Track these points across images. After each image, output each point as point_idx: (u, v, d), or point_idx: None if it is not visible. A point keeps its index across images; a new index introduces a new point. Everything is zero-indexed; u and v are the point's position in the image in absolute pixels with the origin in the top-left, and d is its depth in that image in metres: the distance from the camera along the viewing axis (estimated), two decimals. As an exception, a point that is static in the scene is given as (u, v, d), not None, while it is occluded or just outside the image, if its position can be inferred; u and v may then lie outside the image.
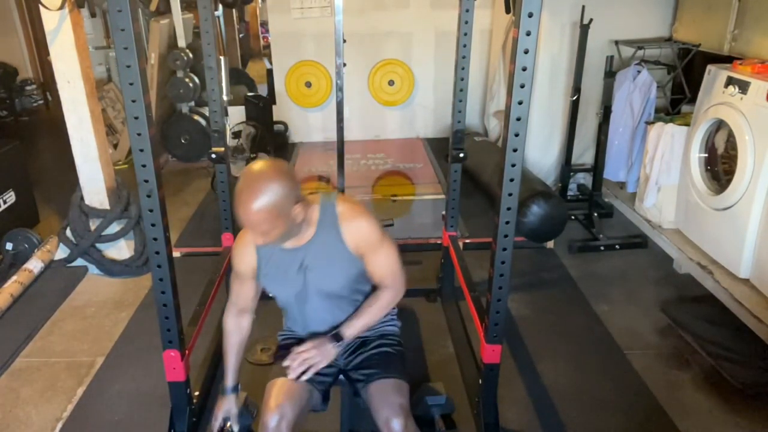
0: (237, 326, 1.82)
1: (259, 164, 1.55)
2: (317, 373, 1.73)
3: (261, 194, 1.48)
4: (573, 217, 3.78)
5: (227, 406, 1.80)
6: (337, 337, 1.71)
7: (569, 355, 2.64)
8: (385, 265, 1.72)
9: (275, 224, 1.53)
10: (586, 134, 4.21)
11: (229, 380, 1.81)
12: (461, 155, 2.69)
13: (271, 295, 1.82)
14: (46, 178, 4.91)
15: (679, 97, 3.75)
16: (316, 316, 1.77)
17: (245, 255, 1.73)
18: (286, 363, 1.68)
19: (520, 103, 1.60)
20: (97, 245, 3.38)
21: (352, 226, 1.67)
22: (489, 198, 3.95)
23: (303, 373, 1.67)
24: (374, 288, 1.79)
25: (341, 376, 1.88)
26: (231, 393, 1.80)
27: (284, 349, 1.80)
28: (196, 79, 5.12)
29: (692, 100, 3.45)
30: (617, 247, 3.57)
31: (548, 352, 2.66)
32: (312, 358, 1.67)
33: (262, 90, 6.63)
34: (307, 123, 5.81)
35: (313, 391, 1.73)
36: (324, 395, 1.82)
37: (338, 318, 1.76)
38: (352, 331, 1.72)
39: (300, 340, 1.79)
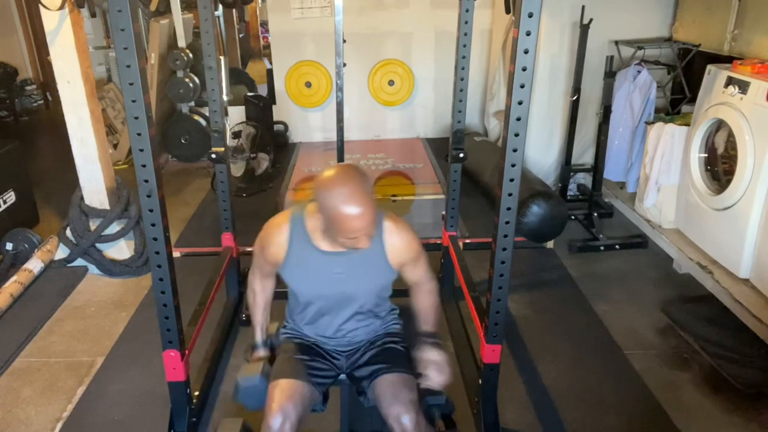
0: (262, 287, 1.86)
1: (344, 171, 1.52)
2: (319, 374, 1.74)
3: (369, 198, 1.49)
4: (573, 217, 3.78)
5: (260, 355, 1.86)
6: (436, 339, 1.78)
7: (569, 355, 2.64)
8: (423, 271, 1.81)
9: (375, 221, 1.55)
10: (586, 134, 4.21)
11: (258, 336, 1.87)
12: (461, 155, 2.69)
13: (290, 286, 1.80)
14: (46, 178, 4.90)
15: (679, 97, 3.75)
16: (334, 323, 1.78)
17: (277, 244, 1.69)
18: (434, 376, 1.70)
19: (520, 103, 1.60)
20: (97, 245, 3.38)
21: (398, 242, 1.69)
22: (489, 198, 3.95)
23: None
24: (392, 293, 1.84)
25: (342, 376, 1.88)
26: (261, 347, 1.87)
27: (285, 350, 1.80)
28: (196, 79, 5.11)
29: (692, 100, 3.46)
30: (617, 247, 3.57)
31: (548, 352, 2.66)
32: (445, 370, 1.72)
33: (262, 90, 6.63)
34: (307, 123, 5.81)
35: (314, 392, 1.73)
36: (324, 396, 1.82)
37: (351, 327, 1.79)
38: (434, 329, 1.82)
39: (303, 339, 1.81)
